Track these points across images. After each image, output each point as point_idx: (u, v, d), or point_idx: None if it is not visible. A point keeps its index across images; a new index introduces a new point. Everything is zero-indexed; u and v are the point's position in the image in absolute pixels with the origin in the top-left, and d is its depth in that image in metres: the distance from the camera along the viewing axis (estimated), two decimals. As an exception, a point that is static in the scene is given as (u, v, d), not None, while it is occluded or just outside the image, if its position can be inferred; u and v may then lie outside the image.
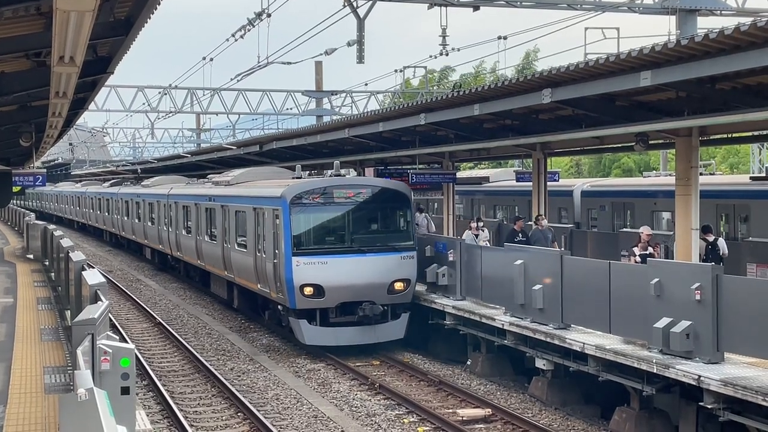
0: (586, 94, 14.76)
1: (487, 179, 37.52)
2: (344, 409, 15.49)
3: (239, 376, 18.00)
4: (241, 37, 25.72)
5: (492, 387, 17.10)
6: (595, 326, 15.22)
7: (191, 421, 14.65)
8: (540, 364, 16.09)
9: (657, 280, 13.44)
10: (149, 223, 37.55)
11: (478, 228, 21.61)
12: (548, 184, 22.82)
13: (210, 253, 26.68)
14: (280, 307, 20.57)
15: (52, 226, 27.07)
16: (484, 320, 17.77)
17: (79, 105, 19.26)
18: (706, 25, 22.44)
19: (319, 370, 18.46)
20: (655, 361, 12.94)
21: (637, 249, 16.60)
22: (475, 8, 21.21)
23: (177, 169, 49.55)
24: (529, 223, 22.61)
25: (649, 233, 16.98)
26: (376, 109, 33.00)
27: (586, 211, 29.38)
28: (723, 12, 23.30)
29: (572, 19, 22.79)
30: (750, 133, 20.08)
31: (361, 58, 22.37)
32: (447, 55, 26.59)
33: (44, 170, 29.14)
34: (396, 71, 40.60)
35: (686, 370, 12.33)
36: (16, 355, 12.89)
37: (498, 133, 21.29)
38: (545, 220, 20.98)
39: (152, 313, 25.93)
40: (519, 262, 16.90)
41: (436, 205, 36.35)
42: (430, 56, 32.83)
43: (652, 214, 25.50)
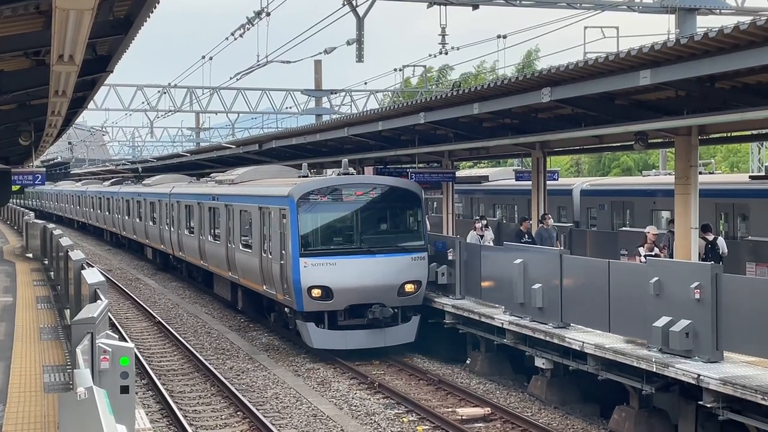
0: (585, 93, 14.76)
1: (486, 178, 37.52)
2: (343, 408, 15.49)
3: (238, 375, 18.00)
4: (241, 36, 25.70)
5: (491, 386, 17.10)
6: (594, 325, 15.23)
7: (190, 420, 14.65)
8: (539, 363, 16.09)
9: (656, 279, 13.44)
10: (151, 223, 37.13)
11: (482, 228, 21.51)
12: (547, 183, 22.81)
13: (213, 253, 26.21)
14: (286, 310, 20.14)
15: (51, 225, 27.07)
16: (484, 319, 17.76)
17: (79, 104, 19.25)
18: (706, 24, 22.50)
19: (319, 369, 18.47)
20: (654, 360, 12.94)
21: (642, 249, 16.33)
22: (475, 7, 21.22)
23: (177, 168, 49.51)
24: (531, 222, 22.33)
25: (656, 233, 16.74)
26: (376, 108, 33.02)
27: (586, 210, 29.39)
28: (722, 11, 23.32)
29: (572, 18, 22.81)
30: (749, 132, 20.09)
31: (360, 57, 22.36)
32: (446, 54, 26.60)
33: (43, 169, 29.16)
34: (395, 70, 40.62)
35: (685, 369, 12.33)
36: (15, 353, 12.89)
37: (497, 132, 21.28)
38: (551, 220, 20.91)
39: (152, 312, 25.93)
40: (518, 261, 16.90)
41: (436, 204, 36.35)
42: (430, 55, 32.89)
43: (651, 213, 25.49)
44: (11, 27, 11.18)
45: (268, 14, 23.83)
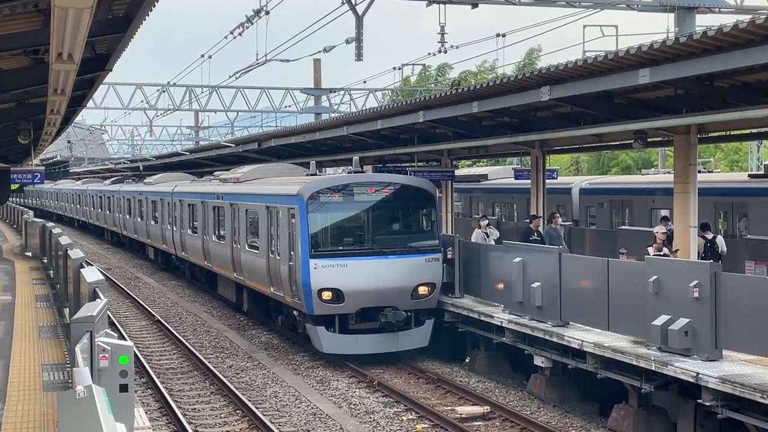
0: (584, 92, 14.77)
1: (485, 177, 37.53)
2: (343, 406, 15.50)
3: (238, 374, 18.01)
4: (240, 34, 25.69)
5: (491, 384, 17.10)
6: (593, 324, 15.24)
7: (190, 419, 14.65)
8: (538, 361, 16.10)
9: (655, 277, 13.44)
10: (152, 222, 36.58)
11: (487, 226, 21.43)
12: (547, 181, 22.81)
13: (218, 253, 25.63)
14: (295, 313, 19.49)
15: (50, 224, 27.07)
16: (483, 318, 17.76)
17: (78, 102, 19.26)
18: (705, 22, 22.48)
19: (318, 367, 18.47)
20: (653, 359, 12.95)
21: (651, 249, 15.91)
22: (474, 5, 21.21)
23: (176, 166, 49.50)
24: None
25: (665, 232, 16.47)
26: (375, 106, 33.02)
27: (585, 208, 29.41)
28: (721, 9, 23.33)
29: (571, 17, 22.80)
30: (748, 131, 20.09)
31: (359, 56, 22.36)
32: (445, 52, 26.57)
33: (42, 168, 29.15)
34: (395, 69, 40.59)
35: (684, 368, 12.34)
36: (14, 352, 12.89)
37: (496, 130, 21.29)
38: (560, 219, 20.83)
39: (151, 311, 25.93)
40: (517, 260, 16.90)
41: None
42: (429, 54, 32.86)
43: (650, 212, 25.50)
44: (10, 25, 11.18)
45: (268, 13, 23.82)
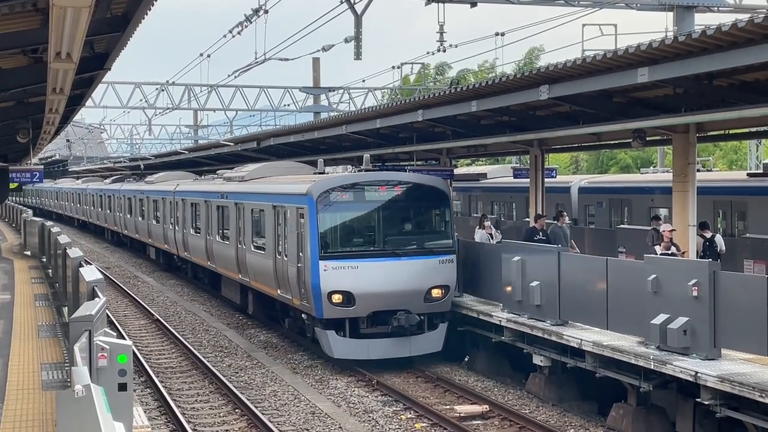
0: (583, 91, 14.78)
1: (484, 176, 37.54)
2: (342, 405, 15.50)
3: (237, 373, 18.01)
4: (239, 33, 25.69)
5: (489, 383, 17.10)
6: (592, 323, 15.25)
7: (189, 418, 14.66)
8: (537, 360, 16.10)
9: (654, 276, 13.45)
10: (154, 222, 35.99)
11: (491, 226, 21.31)
12: (545, 180, 22.82)
13: (222, 254, 25.00)
14: (304, 316, 18.80)
15: (49, 223, 27.07)
16: (482, 317, 17.77)
17: (76, 101, 19.27)
18: (704, 21, 22.47)
19: (317, 366, 18.46)
20: (652, 358, 12.95)
21: (659, 248, 15.73)
22: (473, 4, 21.19)
23: (176, 165, 49.42)
24: (547, 221, 21.89)
25: (672, 230, 16.24)
26: (374, 105, 33.02)
27: (584, 207, 29.42)
28: (720, 8, 23.33)
29: (570, 16, 22.80)
30: (747, 130, 20.09)
31: (358, 55, 22.36)
32: (444, 51, 26.56)
33: (41, 167, 29.15)
34: (393, 68, 40.61)
35: (683, 367, 12.34)
36: (13, 351, 12.89)
37: (495, 129, 21.29)
38: (567, 218, 20.74)
39: (150, 310, 25.93)
40: (516, 259, 16.90)
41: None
42: (428, 52, 32.86)
43: (649, 211, 25.52)
44: (9, 24, 11.17)
45: (266, 12, 23.83)
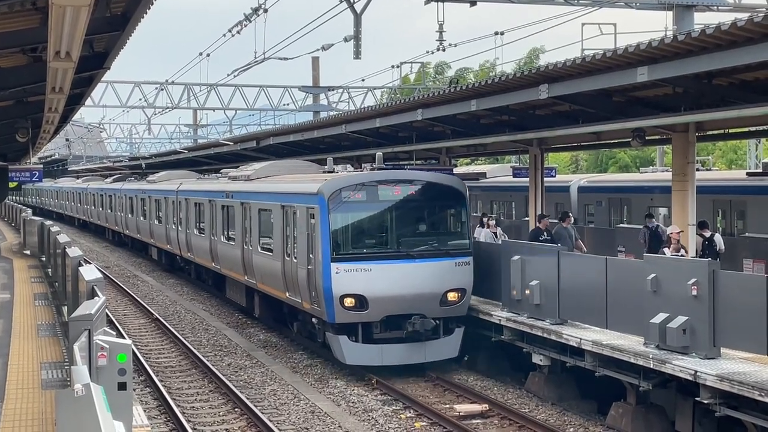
0: (582, 90, 14.78)
1: (484, 175, 37.54)
2: (341, 404, 15.50)
3: (236, 372, 18.01)
4: (238, 32, 25.68)
5: (489, 383, 17.10)
6: (591, 322, 15.25)
7: (188, 417, 14.66)
8: (537, 359, 16.11)
9: (654, 275, 13.45)
10: (156, 222, 35.36)
11: (495, 226, 21.27)
12: (545, 179, 22.82)
13: (227, 255, 24.33)
14: (314, 320, 18.10)
15: (49, 222, 27.07)
16: (482, 316, 17.76)
17: (76, 100, 19.26)
18: (703, 20, 22.48)
19: (317, 365, 18.46)
20: (651, 357, 12.95)
21: (668, 250, 15.52)
22: (472, 3, 21.18)
23: (175, 164, 49.38)
24: (552, 221, 21.74)
25: (679, 231, 16.08)
26: (373, 104, 33.01)
27: (583, 206, 29.43)
28: (720, 8, 23.33)
29: (569, 15, 22.80)
30: (747, 129, 20.10)
31: (358, 54, 22.36)
32: (444, 50, 26.57)
33: (41, 166, 29.11)
34: (393, 67, 40.62)
35: (682, 366, 12.35)
36: (13, 350, 12.89)
37: (495, 128, 21.29)
38: (572, 218, 20.69)
39: (149, 309, 25.93)
40: (516, 258, 16.90)
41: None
42: (427, 52, 32.88)
43: (648, 210, 25.53)
44: (8, 23, 11.17)
45: (266, 11, 23.81)
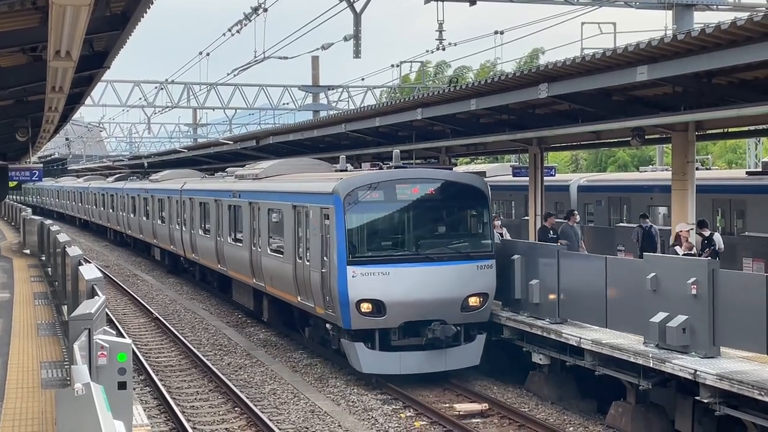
0: (582, 89, 14.78)
1: (483, 174, 37.42)
2: (341, 403, 15.51)
3: (236, 371, 18.01)
4: (238, 32, 25.70)
5: (489, 382, 17.11)
6: (591, 321, 15.25)
7: (188, 416, 14.66)
8: (537, 358, 16.11)
9: (653, 274, 13.45)
10: (159, 222, 34.75)
11: (501, 226, 21.28)
12: (545, 179, 22.82)
13: (233, 256, 23.60)
14: (328, 326, 17.32)
15: (48, 221, 27.07)
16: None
17: (76, 100, 19.26)
18: (703, 20, 22.50)
19: (316, 365, 18.46)
20: (651, 356, 12.96)
21: (680, 249, 15.27)
22: (472, 2, 21.17)
23: (175, 163, 49.33)
24: (558, 219, 21.66)
25: (689, 230, 15.90)
26: (373, 104, 33.01)
27: (583, 205, 29.44)
28: (719, 7, 23.34)
29: (569, 14, 22.81)
30: (746, 128, 20.11)
31: (357, 53, 22.36)
32: (443, 50, 26.57)
33: (40, 165, 29.11)
34: (393, 66, 40.61)
35: (682, 365, 12.36)
36: (12, 350, 12.89)
37: (495, 128, 21.29)
38: (578, 216, 20.64)
39: (149, 308, 25.93)
40: (516, 257, 16.90)
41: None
42: (427, 51, 32.88)
43: (648, 209, 25.54)
44: (8, 23, 11.16)
45: (266, 10, 23.83)
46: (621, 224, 26.43)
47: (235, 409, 15.19)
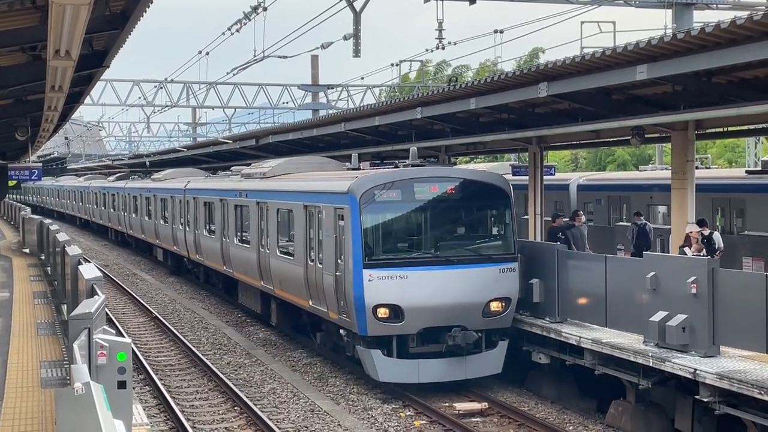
0: (582, 88, 14.77)
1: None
2: (341, 403, 15.51)
3: (236, 371, 18.01)
4: (237, 31, 25.71)
5: (488, 381, 17.10)
6: (591, 320, 15.26)
7: (188, 416, 14.66)
8: (536, 358, 16.11)
9: (653, 274, 13.45)
10: (162, 222, 34.09)
11: None
12: (544, 177, 22.80)
13: (240, 258, 23.04)
14: (342, 332, 16.60)
15: (48, 221, 27.06)
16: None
17: (75, 99, 19.24)
18: (702, 18, 22.54)
19: (316, 364, 18.46)
20: (651, 355, 12.96)
21: (689, 250, 15.06)
22: (472, 1, 21.17)
23: (175, 162, 49.30)
24: (565, 219, 21.60)
25: (698, 230, 15.68)
26: (372, 103, 33.00)
27: (582, 204, 29.41)
28: (719, 6, 23.36)
29: (569, 13, 22.82)
30: (746, 127, 20.11)
31: (357, 52, 22.38)
32: (443, 49, 26.57)
33: (40, 164, 29.09)
34: (392, 65, 40.57)
35: (682, 364, 12.36)
36: (12, 349, 12.89)
37: (494, 127, 21.28)
38: (583, 217, 20.63)
39: (149, 308, 25.93)
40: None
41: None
42: (427, 50, 32.87)
43: (648, 208, 25.53)
44: (7, 22, 11.15)
45: (265, 9, 23.84)
46: (621, 223, 26.42)
47: (235, 408, 15.19)
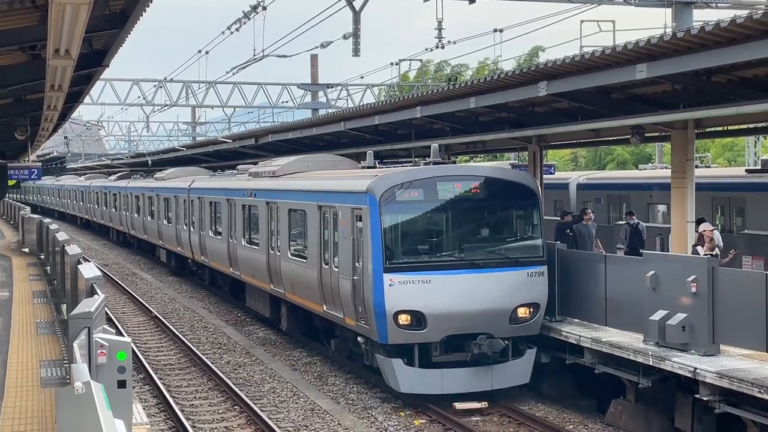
0: (582, 87, 14.77)
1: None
2: (341, 402, 15.51)
3: (235, 370, 18.02)
4: (237, 30, 25.69)
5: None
6: (591, 319, 15.26)
7: (188, 415, 14.66)
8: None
9: (653, 272, 13.46)
10: (165, 222, 33.37)
11: None
12: (544, 176, 22.81)
13: (248, 260, 22.19)
14: (360, 339, 15.78)
15: (47, 220, 27.06)
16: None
17: (75, 98, 19.24)
18: (702, 17, 22.53)
19: (316, 363, 18.47)
20: (651, 354, 12.97)
21: (701, 249, 14.90)
22: (471, 0, 21.15)
23: (174, 161, 49.26)
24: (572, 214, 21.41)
25: (712, 229, 15.49)
26: (372, 102, 32.98)
27: (582, 203, 29.41)
28: (719, 4, 23.34)
29: (568, 12, 22.81)
30: (746, 126, 20.11)
31: (356, 51, 22.36)
32: (443, 48, 26.57)
33: (39, 164, 29.08)
34: (392, 64, 40.55)
35: (682, 363, 12.36)
36: (12, 348, 12.89)
37: (494, 126, 21.28)
38: (592, 215, 20.60)
39: (148, 307, 25.94)
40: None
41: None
42: (426, 49, 32.83)
43: (647, 207, 25.53)
44: (7, 21, 11.15)
45: (265, 8, 23.82)
46: (620, 222, 26.42)
47: (235, 408, 15.20)
